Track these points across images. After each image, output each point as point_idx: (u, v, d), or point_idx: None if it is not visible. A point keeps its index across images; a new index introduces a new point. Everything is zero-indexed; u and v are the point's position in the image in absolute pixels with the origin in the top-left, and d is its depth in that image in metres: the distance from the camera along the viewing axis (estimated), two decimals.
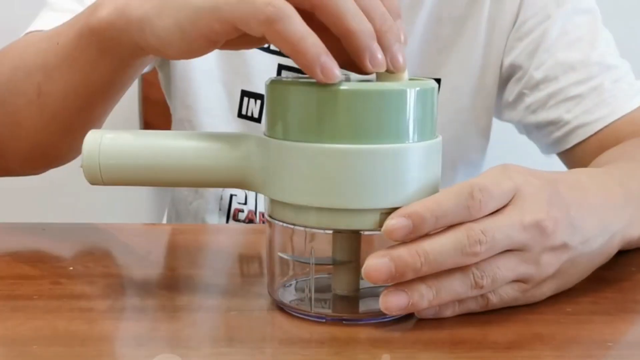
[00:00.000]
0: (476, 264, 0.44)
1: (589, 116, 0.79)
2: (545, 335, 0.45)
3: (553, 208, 0.46)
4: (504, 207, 0.45)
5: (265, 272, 0.50)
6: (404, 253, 0.43)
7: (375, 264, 0.43)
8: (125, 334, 0.45)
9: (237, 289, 0.52)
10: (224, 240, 0.68)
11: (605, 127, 0.78)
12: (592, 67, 0.80)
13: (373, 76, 0.46)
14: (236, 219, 0.87)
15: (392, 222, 0.43)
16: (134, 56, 0.56)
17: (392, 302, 0.43)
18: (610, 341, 0.44)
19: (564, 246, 0.47)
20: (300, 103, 0.44)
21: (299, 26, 0.43)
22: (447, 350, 0.43)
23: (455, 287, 0.44)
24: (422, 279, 0.44)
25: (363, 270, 0.43)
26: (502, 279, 0.45)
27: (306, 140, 0.44)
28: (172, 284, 0.54)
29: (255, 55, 0.83)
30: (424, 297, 0.44)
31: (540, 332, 0.45)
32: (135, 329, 0.46)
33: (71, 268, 0.56)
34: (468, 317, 0.46)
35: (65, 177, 0.82)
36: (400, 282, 0.44)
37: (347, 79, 0.45)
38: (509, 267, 0.45)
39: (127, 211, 1.50)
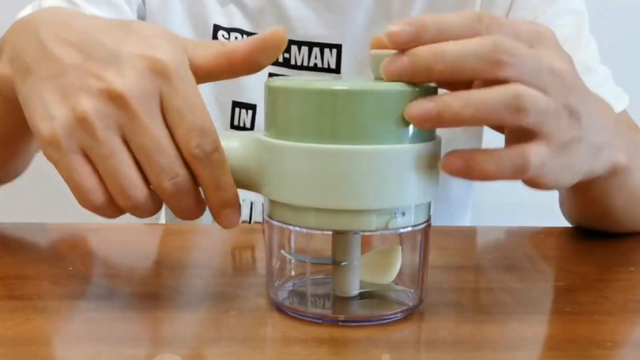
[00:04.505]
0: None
1: None
2: (545, 335, 0.45)
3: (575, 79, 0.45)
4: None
5: (264, 273, 0.50)
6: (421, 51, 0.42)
7: (392, 59, 0.42)
8: (125, 334, 0.45)
9: (237, 289, 0.52)
10: (223, 240, 0.68)
11: None
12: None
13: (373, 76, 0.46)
14: None
15: (394, 27, 0.42)
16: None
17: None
18: (610, 341, 0.44)
19: (577, 113, 0.45)
20: (300, 103, 0.44)
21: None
22: (447, 350, 0.43)
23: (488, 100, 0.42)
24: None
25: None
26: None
27: (305, 140, 0.44)
28: (171, 283, 0.54)
29: None
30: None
31: (540, 332, 0.45)
32: (135, 329, 0.46)
33: (71, 268, 0.56)
34: (468, 317, 0.46)
35: None
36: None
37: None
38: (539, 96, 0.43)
39: None
